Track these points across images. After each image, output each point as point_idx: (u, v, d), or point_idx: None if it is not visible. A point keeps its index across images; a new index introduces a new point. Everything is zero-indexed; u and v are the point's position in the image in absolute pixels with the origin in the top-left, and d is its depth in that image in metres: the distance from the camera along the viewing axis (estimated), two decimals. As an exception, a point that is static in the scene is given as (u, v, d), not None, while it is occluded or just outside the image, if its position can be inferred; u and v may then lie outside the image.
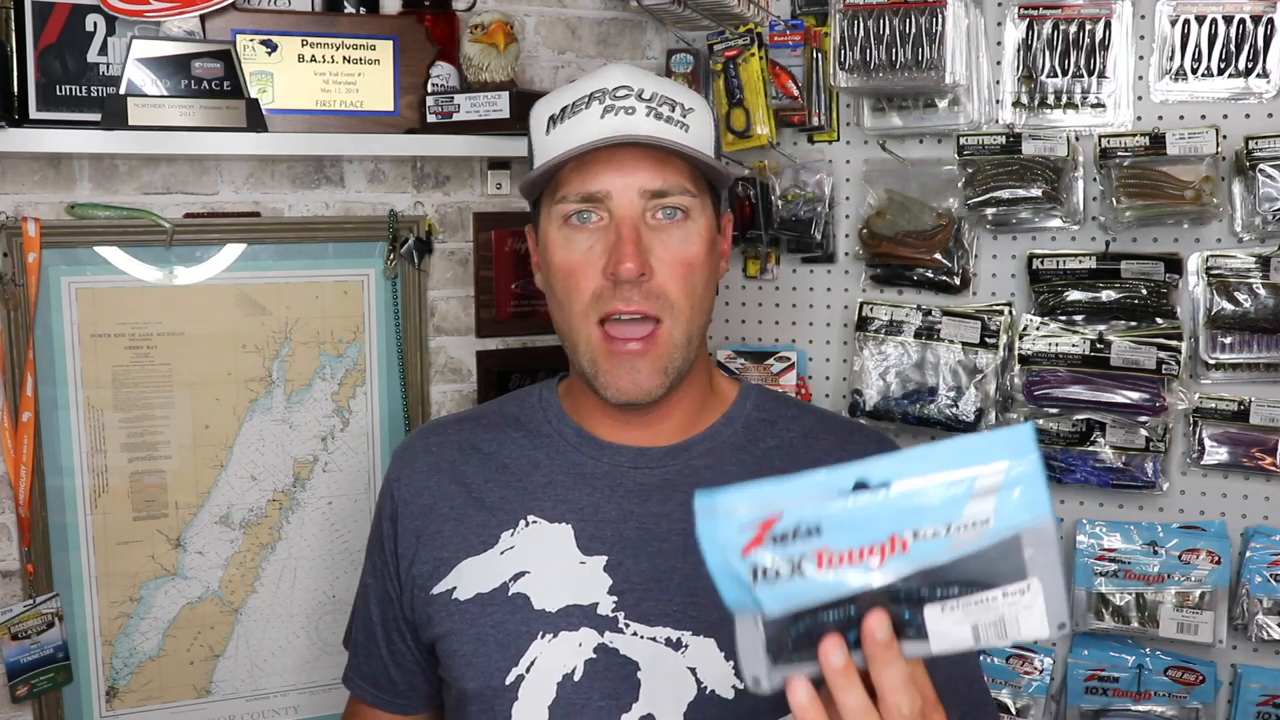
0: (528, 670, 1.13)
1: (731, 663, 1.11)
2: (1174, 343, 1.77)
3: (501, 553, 1.18)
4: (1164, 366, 1.76)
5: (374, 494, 1.98)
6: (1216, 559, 1.78)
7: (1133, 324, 1.81)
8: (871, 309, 1.97)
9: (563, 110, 1.13)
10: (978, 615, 0.72)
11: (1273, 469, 1.76)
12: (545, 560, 1.16)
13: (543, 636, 1.13)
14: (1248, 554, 1.77)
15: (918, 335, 1.93)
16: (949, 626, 0.72)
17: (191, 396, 1.84)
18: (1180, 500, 1.83)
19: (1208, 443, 1.79)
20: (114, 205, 1.77)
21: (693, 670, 1.11)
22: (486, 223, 2.04)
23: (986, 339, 1.88)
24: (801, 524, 0.71)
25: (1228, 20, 1.74)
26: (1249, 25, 1.73)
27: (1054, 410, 1.85)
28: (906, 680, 0.72)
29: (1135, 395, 1.79)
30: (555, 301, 1.16)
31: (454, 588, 1.19)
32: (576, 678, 1.12)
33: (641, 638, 1.12)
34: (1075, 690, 1.87)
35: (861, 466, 0.71)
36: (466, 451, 1.25)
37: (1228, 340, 1.78)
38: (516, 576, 1.16)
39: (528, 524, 1.18)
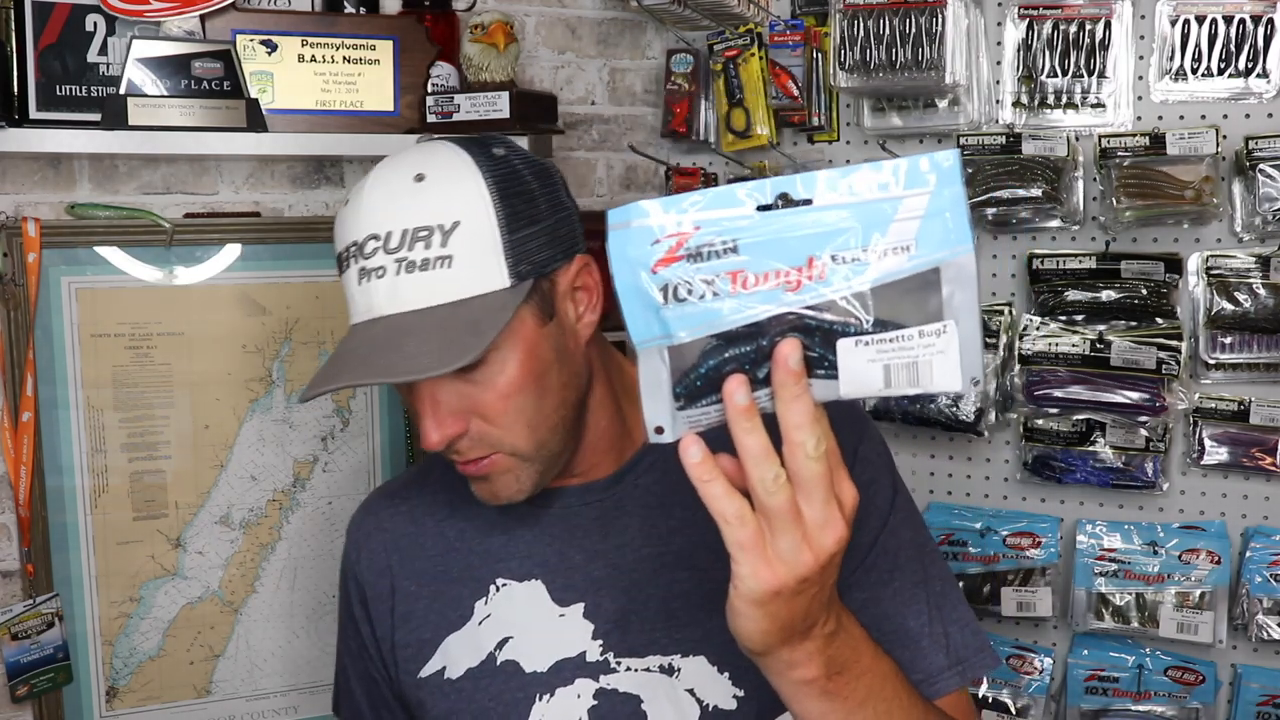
0: None
1: (726, 674, 1.10)
2: (1174, 343, 1.77)
3: (480, 623, 1.15)
4: (1164, 366, 1.76)
5: (374, 494, 1.98)
6: (1216, 559, 1.78)
7: (1133, 324, 1.81)
8: (871, 309, 1.97)
9: (339, 257, 1.03)
10: (891, 355, 0.69)
11: (1273, 469, 1.76)
12: (524, 621, 1.14)
13: (541, 699, 1.12)
14: (1248, 554, 1.77)
15: (918, 335, 1.93)
16: (861, 365, 0.69)
17: (191, 396, 1.84)
18: (1180, 500, 1.83)
19: (1208, 443, 1.79)
20: (114, 205, 1.77)
21: (690, 691, 1.10)
22: (486, 223, 2.04)
23: (986, 339, 1.88)
24: (718, 239, 0.68)
25: (1228, 20, 1.74)
26: (1249, 25, 1.73)
27: (1054, 410, 1.85)
28: (814, 417, 0.70)
29: (1135, 395, 1.79)
30: None
31: (443, 667, 1.16)
32: None
33: (636, 671, 1.11)
34: (1075, 690, 1.87)
35: (784, 180, 0.68)
36: (420, 522, 1.21)
37: (1228, 340, 1.78)
38: (501, 644, 1.14)
39: (498, 588, 1.16)
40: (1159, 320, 1.80)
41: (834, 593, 0.82)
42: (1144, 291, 1.80)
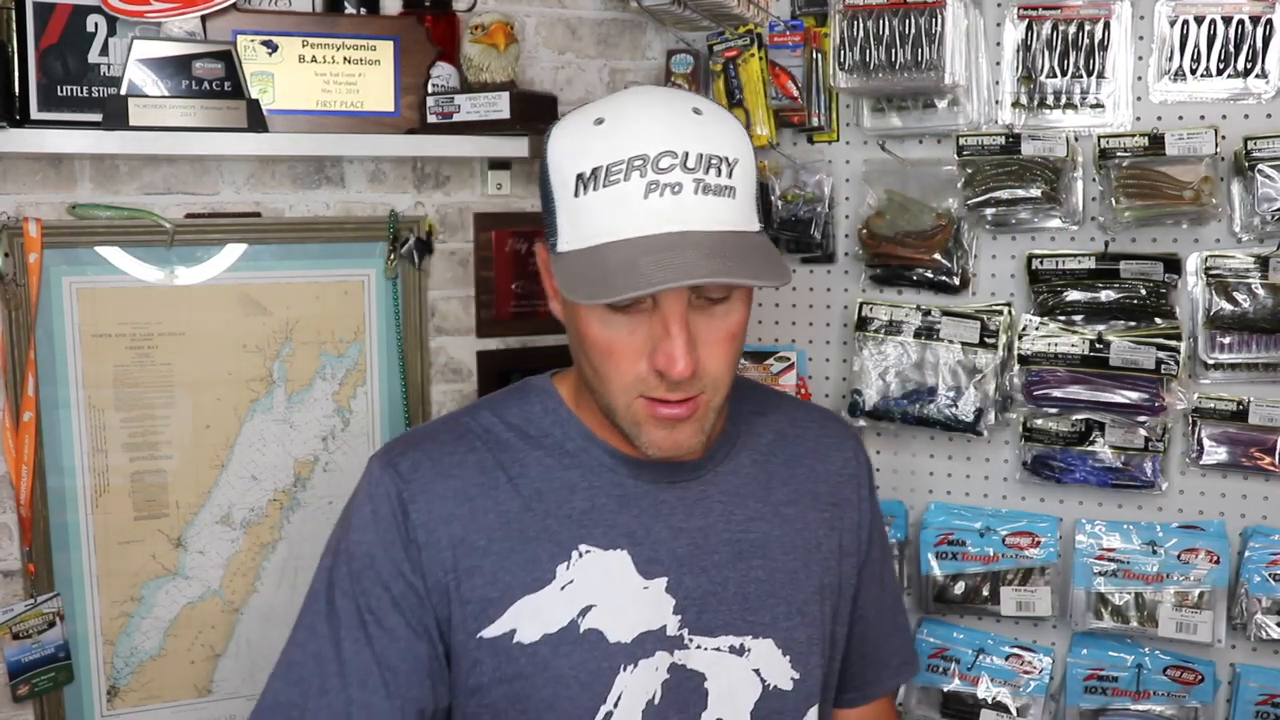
0: (616, 705, 1.11)
1: (788, 658, 1.17)
2: (1173, 343, 1.77)
3: (562, 587, 1.12)
4: (1163, 366, 1.76)
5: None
6: (1215, 559, 1.78)
7: (1132, 324, 1.82)
8: (871, 309, 1.97)
9: (595, 172, 1.01)
10: None
11: (1272, 469, 1.76)
12: (609, 590, 1.12)
13: (625, 669, 1.12)
14: (1246, 554, 1.77)
15: (917, 335, 1.93)
16: None
17: (192, 396, 1.85)
18: (1179, 500, 1.83)
19: (1207, 442, 1.79)
20: (115, 205, 1.78)
21: (756, 671, 1.16)
22: (487, 223, 2.05)
23: (986, 339, 1.89)
24: None
25: (1226, 21, 1.74)
26: (1248, 26, 1.73)
27: (1053, 410, 1.85)
28: None
29: (1134, 395, 1.80)
30: (589, 365, 1.08)
31: (513, 630, 1.11)
32: (656, 701, 1.13)
33: (706, 649, 1.15)
34: (1074, 690, 1.87)
35: None
36: (490, 473, 1.15)
37: (1226, 340, 1.78)
38: (584, 611, 1.12)
39: (581, 554, 1.13)
40: (1158, 320, 1.80)
41: None
42: (1143, 291, 1.80)
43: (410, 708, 1.11)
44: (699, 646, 1.14)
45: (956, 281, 1.94)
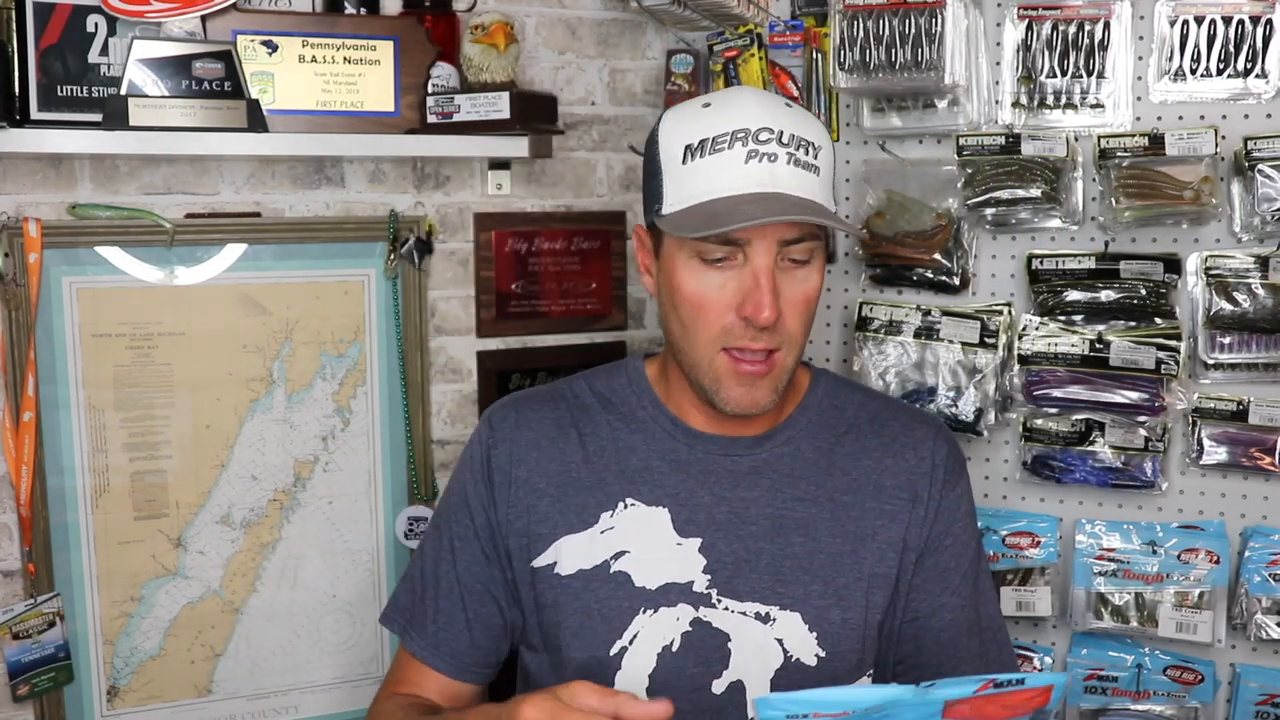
0: (631, 642, 1.23)
1: (815, 634, 1.23)
2: (1173, 343, 1.77)
3: (601, 532, 1.25)
4: (1163, 366, 1.77)
5: (374, 494, 1.98)
6: (1215, 559, 1.78)
7: (1132, 324, 1.82)
8: (871, 309, 1.97)
9: (701, 143, 1.16)
10: None
11: (1271, 469, 1.76)
12: (644, 541, 1.25)
13: (644, 612, 1.23)
14: (1246, 553, 1.77)
15: (917, 335, 1.93)
16: None
17: (192, 396, 1.85)
18: (1179, 500, 1.83)
19: (1206, 442, 1.79)
20: (115, 205, 1.78)
21: (780, 641, 1.22)
22: (487, 223, 2.05)
23: (986, 339, 1.89)
24: None
25: (1226, 21, 1.74)
26: (1248, 26, 1.73)
27: (1053, 410, 1.85)
28: None
29: (1134, 395, 1.80)
30: (678, 322, 1.21)
31: (554, 562, 1.26)
32: (674, 649, 1.22)
33: (733, 612, 1.23)
34: (1074, 689, 1.87)
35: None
36: (565, 429, 1.31)
37: (1226, 340, 1.78)
38: (617, 555, 1.24)
39: (626, 506, 1.26)
40: (1158, 320, 1.80)
41: None
42: (1143, 291, 1.80)
43: (479, 622, 1.30)
44: (725, 608, 1.23)
45: (956, 281, 1.94)
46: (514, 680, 1.39)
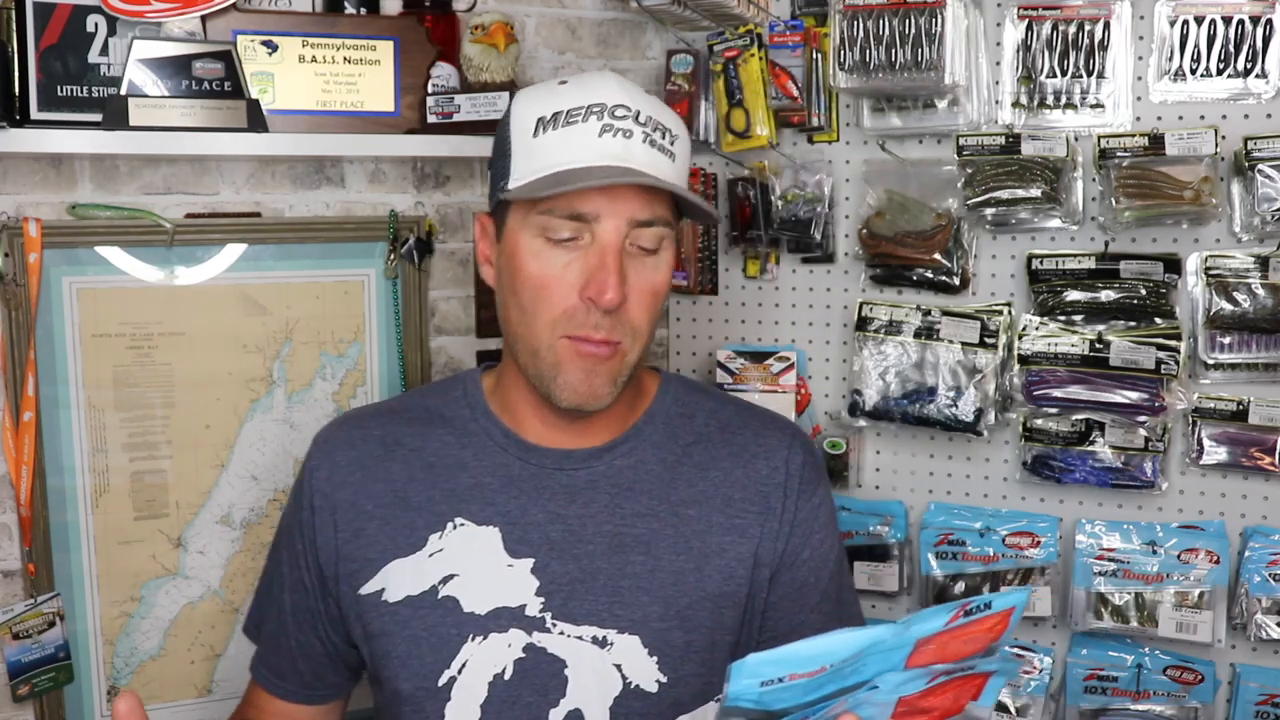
0: (459, 671, 1.16)
1: (655, 659, 1.15)
2: (1173, 343, 1.77)
3: (430, 555, 1.19)
4: (1163, 366, 1.77)
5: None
6: (1215, 559, 1.78)
7: (1132, 324, 1.82)
8: (871, 309, 1.97)
9: (555, 115, 1.12)
10: None
11: (1271, 469, 1.76)
12: (473, 563, 1.18)
13: (473, 639, 1.17)
14: (1246, 553, 1.77)
15: (917, 335, 1.93)
16: None
17: (192, 396, 1.85)
18: (1179, 500, 1.83)
19: (1207, 442, 1.79)
20: (115, 205, 1.78)
21: (618, 666, 1.16)
22: (487, 223, 2.04)
23: (986, 339, 1.89)
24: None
25: (1226, 21, 1.74)
26: (1248, 26, 1.73)
27: (1053, 410, 1.85)
28: None
29: (1134, 395, 1.80)
30: (518, 307, 1.15)
31: (382, 589, 1.20)
32: (507, 676, 1.16)
33: (568, 636, 1.16)
34: (1074, 689, 1.87)
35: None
36: (390, 448, 1.24)
37: (1226, 340, 1.78)
38: (445, 579, 1.18)
39: (455, 526, 1.20)
40: (1158, 320, 1.80)
41: None
42: (1143, 291, 1.80)
43: (300, 650, 1.29)
44: (561, 632, 1.16)
45: (956, 281, 1.94)
46: None
